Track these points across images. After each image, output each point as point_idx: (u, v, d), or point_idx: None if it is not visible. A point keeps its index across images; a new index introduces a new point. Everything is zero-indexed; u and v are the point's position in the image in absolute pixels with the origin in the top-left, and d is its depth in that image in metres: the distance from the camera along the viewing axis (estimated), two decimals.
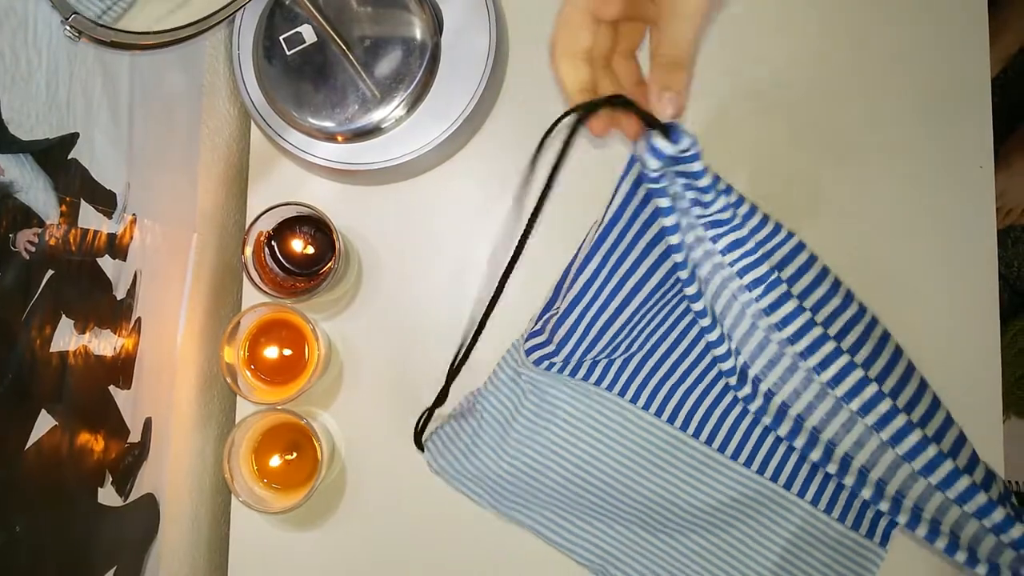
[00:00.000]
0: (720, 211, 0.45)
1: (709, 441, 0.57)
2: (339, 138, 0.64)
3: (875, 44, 0.65)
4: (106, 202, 0.52)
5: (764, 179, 0.64)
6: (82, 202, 0.49)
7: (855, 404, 0.47)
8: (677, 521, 0.58)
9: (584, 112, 0.40)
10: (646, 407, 0.57)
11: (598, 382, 0.57)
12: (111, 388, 0.53)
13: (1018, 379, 1.17)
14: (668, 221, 0.44)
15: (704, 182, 0.42)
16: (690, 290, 0.48)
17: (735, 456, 0.57)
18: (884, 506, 0.49)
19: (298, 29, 0.63)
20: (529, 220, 0.45)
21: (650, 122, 0.39)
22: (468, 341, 0.54)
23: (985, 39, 0.64)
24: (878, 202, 0.62)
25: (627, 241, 0.51)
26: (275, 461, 0.63)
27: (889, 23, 0.65)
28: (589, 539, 0.61)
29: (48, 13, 0.44)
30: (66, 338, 0.47)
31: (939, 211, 0.64)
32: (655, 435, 0.57)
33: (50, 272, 0.45)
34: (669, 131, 0.39)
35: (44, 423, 0.45)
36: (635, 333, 0.55)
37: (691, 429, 0.57)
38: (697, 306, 0.48)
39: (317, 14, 0.59)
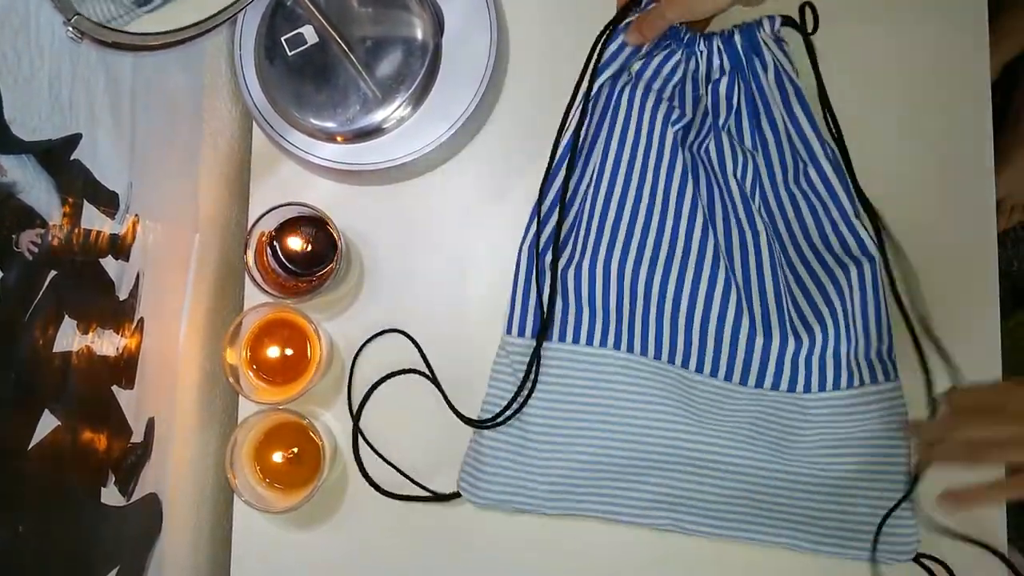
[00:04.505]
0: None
1: (713, 374, 0.60)
2: (340, 138, 0.64)
3: (875, 44, 0.65)
4: (108, 203, 0.52)
5: None
6: (85, 203, 0.49)
7: None
8: (720, 450, 0.60)
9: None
10: (656, 357, 0.60)
11: (603, 343, 0.61)
12: (114, 388, 0.53)
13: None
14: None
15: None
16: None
17: (743, 381, 0.60)
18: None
19: (300, 30, 0.63)
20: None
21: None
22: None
23: (985, 39, 0.64)
24: (878, 201, 0.62)
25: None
26: (277, 460, 0.63)
27: (889, 23, 0.65)
28: (655, 499, 0.61)
29: (51, 14, 0.44)
30: (69, 338, 0.47)
31: (939, 210, 0.64)
32: (670, 378, 0.60)
33: (53, 273, 0.45)
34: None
35: (47, 423, 0.45)
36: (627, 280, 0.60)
37: (699, 367, 0.61)
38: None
39: (319, 15, 0.59)
